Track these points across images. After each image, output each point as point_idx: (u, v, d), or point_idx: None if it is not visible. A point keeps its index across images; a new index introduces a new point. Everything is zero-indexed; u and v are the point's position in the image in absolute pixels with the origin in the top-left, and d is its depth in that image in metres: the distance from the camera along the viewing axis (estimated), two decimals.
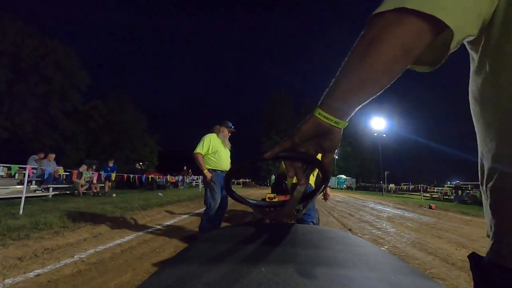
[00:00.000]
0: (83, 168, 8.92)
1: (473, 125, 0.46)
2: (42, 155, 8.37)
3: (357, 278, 0.30)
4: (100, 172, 9.35)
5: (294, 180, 4.28)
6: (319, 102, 0.42)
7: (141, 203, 6.84)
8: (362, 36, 0.40)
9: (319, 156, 0.49)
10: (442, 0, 0.34)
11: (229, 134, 3.66)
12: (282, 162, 4.66)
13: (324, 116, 0.41)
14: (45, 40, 24.48)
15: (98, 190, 9.23)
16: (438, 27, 0.35)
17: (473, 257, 0.47)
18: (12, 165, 6.01)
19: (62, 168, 8.64)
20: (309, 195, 0.65)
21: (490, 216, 0.43)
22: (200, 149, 3.34)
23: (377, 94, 0.41)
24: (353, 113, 0.43)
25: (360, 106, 0.42)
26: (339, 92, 0.40)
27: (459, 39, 0.36)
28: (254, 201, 0.71)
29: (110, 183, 9.63)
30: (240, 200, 0.69)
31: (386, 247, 3.68)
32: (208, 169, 3.33)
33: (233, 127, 3.71)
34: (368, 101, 0.42)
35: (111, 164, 10.24)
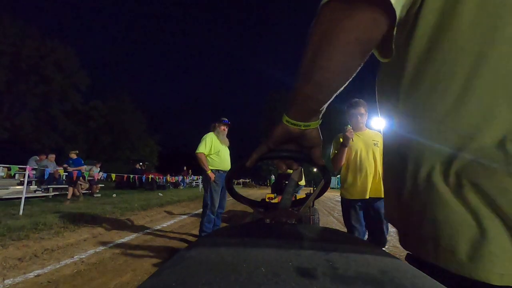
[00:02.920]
0: (94, 168, 8.91)
1: None
2: (43, 157, 8.36)
3: (357, 278, 0.29)
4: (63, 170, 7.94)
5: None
6: (286, 108, 0.40)
7: (141, 203, 6.84)
8: (310, 33, 0.35)
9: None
10: None
11: (226, 130, 3.63)
12: None
13: (291, 123, 0.41)
14: (45, 41, 24.48)
15: (99, 190, 9.20)
16: (391, 11, 0.31)
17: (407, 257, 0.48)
18: (12, 166, 6.00)
19: (62, 168, 8.64)
20: (309, 195, 0.65)
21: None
22: (203, 148, 3.32)
23: (340, 90, 0.38)
24: (323, 110, 0.42)
25: (327, 103, 0.40)
26: (300, 98, 0.38)
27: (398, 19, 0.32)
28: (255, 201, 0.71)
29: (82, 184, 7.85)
30: (241, 200, 0.69)
31: (386, 247, 3.68)
32: (211, 170, 3.33)
33: (227, 121, 3.68)
34: (334, 96, 0.39)
35: (74, 156, 7.73)
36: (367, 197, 2.06)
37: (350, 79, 0.37)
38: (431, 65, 0.35)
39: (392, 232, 4.89)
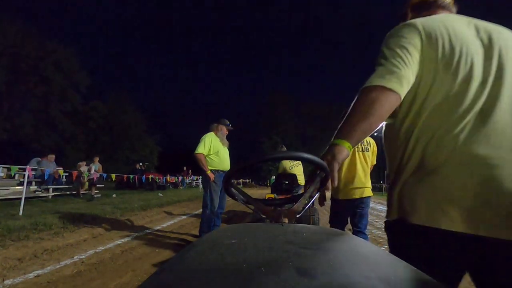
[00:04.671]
0: (80, 166, 8.85)
1: None
2: (45, 158, 8.36)
3: (357, 278, 0.29)
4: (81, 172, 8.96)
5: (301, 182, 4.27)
6: (346, 139, 0.68)
7: (141, 203, 6.84)
8: (362, 99, 0.68)
9: None
10: (401, 85, 0.67)
11: (227, 133, 3.65)
12: (282, 162, 4.65)
13: (349, 147, 0.67)
14: (44, 41, 24.46)
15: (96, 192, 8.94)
16: (399, 97, 0.68)
17: (385, 223, 0.79)
18: (11, 166, 6.00)
19: (62, 168, 8.63)
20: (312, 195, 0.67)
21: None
22: (202, 149, 3.31)
23: (372, 133, 0.70)
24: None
25: (364, 139, 0.79)
26: (356, 135, 0.67)
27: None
28: (257, 200, 0.71)
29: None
30: (241, 199, 0.69)
31: (386, 247, 3.67)
32: (211, 170, 3.32)
33: (230, 125, 3.69)
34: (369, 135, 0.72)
35: None
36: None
37: (378, 127, 0.70)
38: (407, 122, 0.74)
39: None
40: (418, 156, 0.69)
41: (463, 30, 0.73)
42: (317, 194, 0.73)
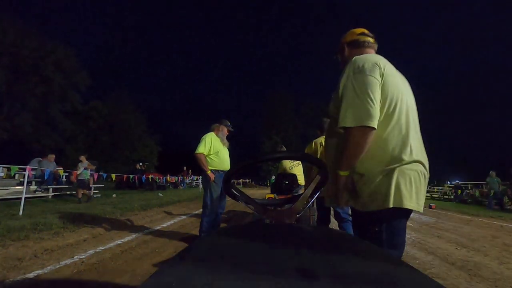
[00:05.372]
0: (80, 166, 8.80)
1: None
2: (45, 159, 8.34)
3: (357, 278, 0.30)
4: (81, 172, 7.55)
5: (301, 181, 4.29)
6: (347, 170, 0.95)
7: (141, 203, 6.84)
8: (357, 142, 0.91)
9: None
10: (376, 123, 0.91)
11: (227, 133, 3.65)
12: (282, 162, 4.65)
13: (346, 176, 0.95)
14: (45, 41, 24.43)
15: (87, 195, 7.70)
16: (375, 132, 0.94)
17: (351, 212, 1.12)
18: (12, 166, 6.00)
19: (62, 168, 8.63)
20: (312, 195, 0.67)
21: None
22: (203, 149, 3.31)
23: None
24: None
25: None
26: (351, 166, 0.94)
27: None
28: (258, 200, 0.71)
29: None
30: (241, 199, 0.69)
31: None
32: (211, 170, 3.32)
33: (231, 126, 3.70)
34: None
35: None
36: None
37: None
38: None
39: None
40: (383, 161, 0.97)
41: (397, 78, 1.02)
42: (317, 194, 0.73)
